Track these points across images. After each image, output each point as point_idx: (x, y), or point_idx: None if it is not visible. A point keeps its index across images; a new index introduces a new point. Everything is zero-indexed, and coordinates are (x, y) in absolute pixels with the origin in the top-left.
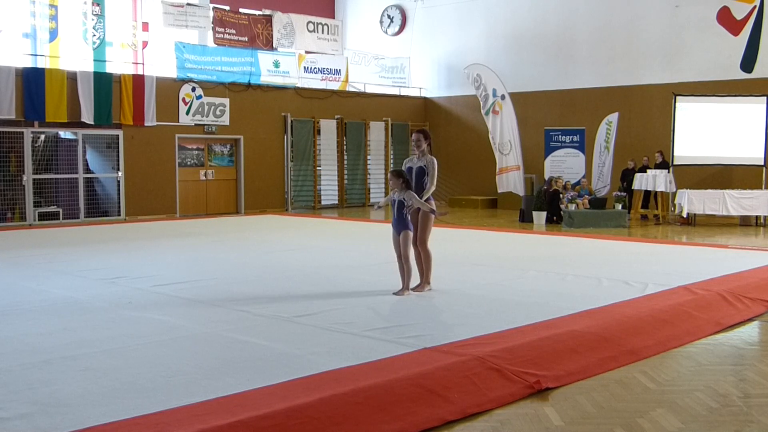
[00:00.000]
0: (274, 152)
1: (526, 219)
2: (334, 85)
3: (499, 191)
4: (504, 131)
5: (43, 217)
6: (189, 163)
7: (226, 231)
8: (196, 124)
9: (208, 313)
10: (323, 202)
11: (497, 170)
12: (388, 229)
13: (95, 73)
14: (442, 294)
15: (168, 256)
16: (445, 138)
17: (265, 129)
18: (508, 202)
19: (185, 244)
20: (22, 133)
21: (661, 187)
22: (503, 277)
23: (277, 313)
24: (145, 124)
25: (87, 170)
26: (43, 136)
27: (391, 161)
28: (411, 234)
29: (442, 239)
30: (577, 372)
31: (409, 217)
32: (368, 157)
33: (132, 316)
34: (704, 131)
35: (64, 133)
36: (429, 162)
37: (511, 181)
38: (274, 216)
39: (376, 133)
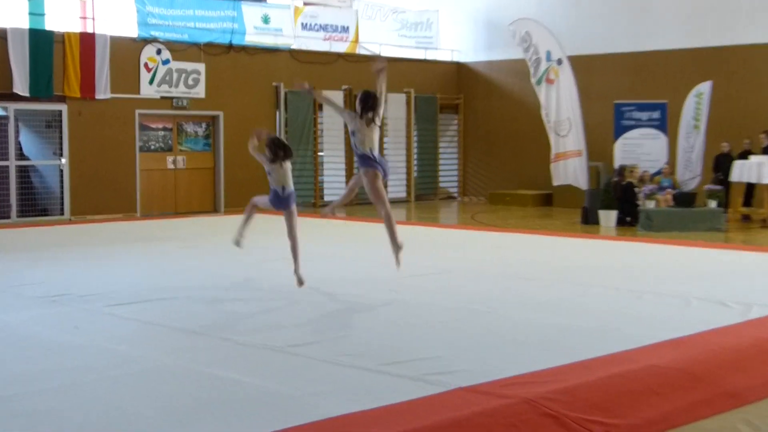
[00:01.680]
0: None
1: (590, 220)
2: (341, 47)
3: (554, 184)
4: (561, 106)
5: None
6: (153, 147)
7: (201, 235)
8: (162, 97)
9: (177, 341)
10: (327, 198)
11: (552, 157)
12: (406, 232)
13: (31, 30)
14: (480, 316)
15: (125, 268)
16: (484, 115)
17: (251, 103)
18: (567, 198)
19: (148, 252)
20: None
21: (767, 179)
22: (560, 295)
23: (266, 341)
24: (97, 97)
25: (20, 156)
26: None
27: (415, 145)
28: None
29: (480, 245)
30: (658, 421)
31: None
32: (385, 139)
33: (79, 345)
34: None
35: None
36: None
37: (570, 170)
38: (263, 216)
39: (396, 109)
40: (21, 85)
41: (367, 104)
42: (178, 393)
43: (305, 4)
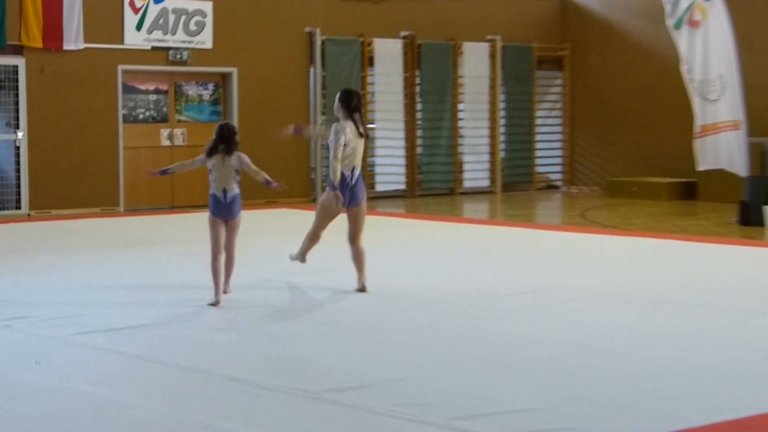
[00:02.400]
0: (291, 98)
1: (752, 220)
2: None
3: (699, 168)
4: (710, 59)
5: None
6: (142, 116)
7: (205, 237)
8: (153, 48)
9: (173, 382)
10: (379, 188)
11: (697, 130)
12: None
13: None
14: (593, 353)
15: (102, 282)
16: (599, 72)
17: (275, 56)
18: (717, 189)
19: (133, 261)
20: None
21: None
22: (710, 325)
23: (293, 383)
24: (65, 48)
25: None
26: None
27: (502, 114)
28: None
29: (593, 254)
30: None
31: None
32: (459, 107)
33: (42, 387)
34: None
35: None
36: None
37: (722, 149)
38: (292, 210)
39: (475, 64)
40: None
41: (350, 104)
42: None
43: None
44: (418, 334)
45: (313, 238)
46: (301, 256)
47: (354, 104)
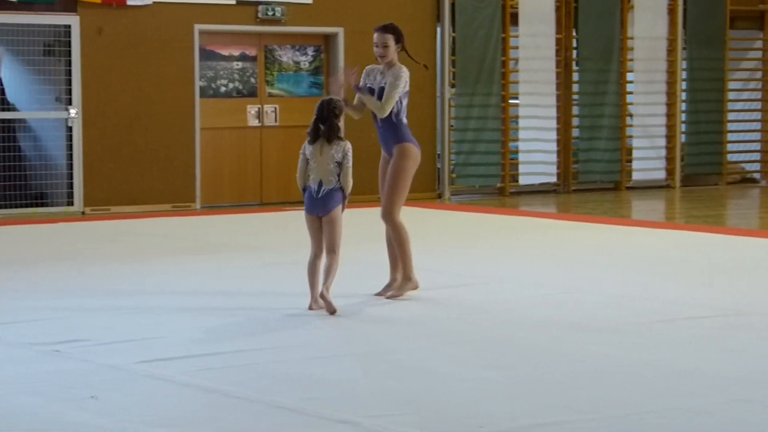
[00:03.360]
0: (412, 65)
1: None
2: None
3: None
4: None
5: None
6: (224, 89)
7: (302, 242)
8: (239, 2)
9: (261, 426)
10: (523, 181)
11: None
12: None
13: None
14: None
15: (172, 296)
16: None
17: (392, 13)
18: None
19: (211, 271)
20: None
21: None
22: None
23: (428, 426)
24: (129, 2)
25: (1, 103)
26: None
27: (683, 87)
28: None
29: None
30: None
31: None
32: (628, 76)
33: (97, 428)
34: None
35: None
36: (394, 75)
37: None
38: (414, 209)
39: (649, 22)
40: None
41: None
42: None
43: None
44: (587, 370)
45: (406, 239)
46: (413, 281)
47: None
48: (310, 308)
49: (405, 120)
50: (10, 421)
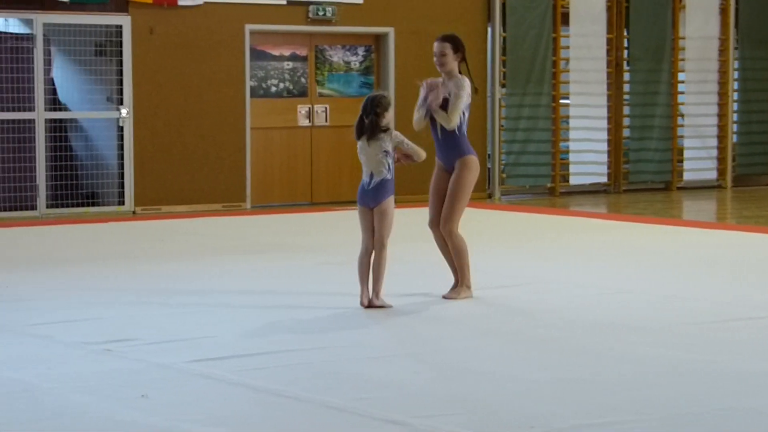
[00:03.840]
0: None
1: None
2: None
3: None
4: None
5: None
6: (275, 89)
7: (354, 242)
8: (290, 2)
9: (312, 425)
10: (574, 181)
11: None
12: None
13: None
14: None
15: (223, 295)
16: None
17: (443, 13)
18: None
19: (263, 271)
20: None
21: None
22: None
23: None
24: (180, 3)
25: (53, 104)
26: None
27: (736, 86)
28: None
29: None
30: None
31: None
32: (680, 76)
33: (149, 427)
34: None
35: (6, 22)
36: (456, 86)
37: None
38: (465, 209)
39: (701, 22)
40: None
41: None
42: None
43: None
44: (638, 370)
45: (464, 249)
46: (470, 290)
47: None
48: (362, 304)
49: (465, 131)
50: (62, 419)
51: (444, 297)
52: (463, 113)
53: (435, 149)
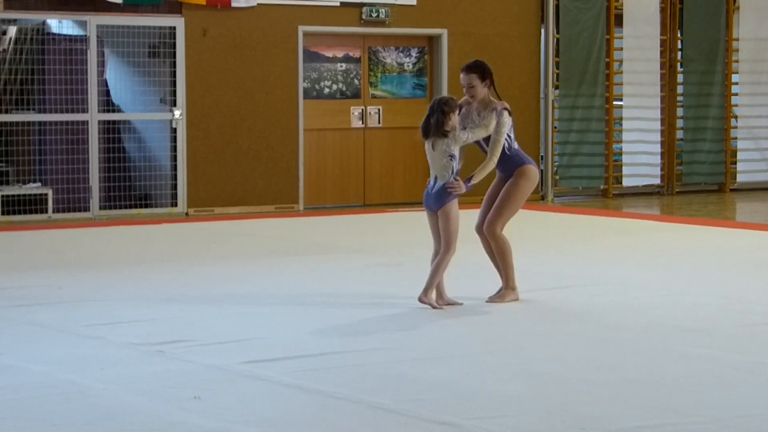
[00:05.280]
0: (516, 67)
1: None
2: None
3: None
4: None
5: (10, 204)
6: (328, 91)
7: (412, 246)
8: (343, 4)
9: (365, 427)
10: (627, 182)
11: None
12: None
13: None
14: None
15: (276, 297)
16: None
17: (496, 14)
18: None
19: (316, 272)
20: None
21: None
22: None
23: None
24: (233, 4)
25: (106, 105)
26: (11, 30)
27: None
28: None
29: None
30: None
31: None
32: (734, 77)
33: (201, 428)
34: None
35: (59, 24)
36: (498, 123)
37: None
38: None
39: (756, 23)
40: None
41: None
42: None
43: None
44: (690, 372)
45: (508, 250)
46: (515, 292)
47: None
48: (436, 304)
49: (517, 145)
50: (114, 420)
51: (488, 301)
52: (509, 135)
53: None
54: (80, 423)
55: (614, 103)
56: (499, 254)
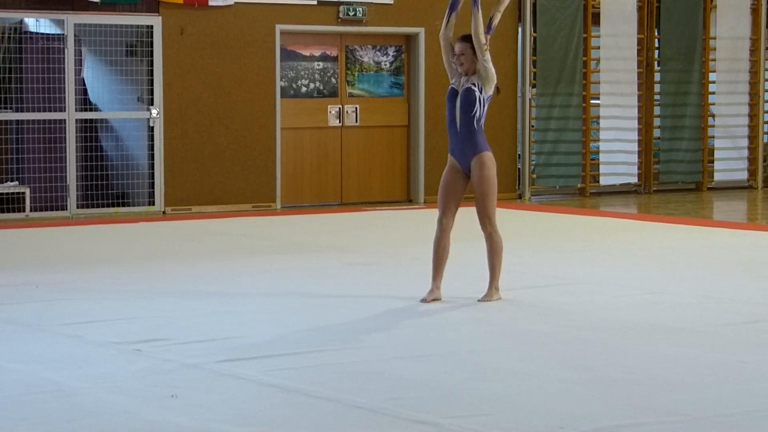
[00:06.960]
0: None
1: None
2: None
3: None
4: None
5: None
6: (305, 89)
7: (386, 244)
8: (320, 3)
9: (344, 425)
10: (604, 181)
11: None
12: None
13: None
14: None
15: (253, 295)
16: None
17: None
18: None
19: (292, 271)
20: None
21: None
22: None
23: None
24: (210, 3)
25: (84, 104)
26: None
27: (766, 88)
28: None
29: None
30: None
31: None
32: (711, 76)
33: (178, 427)
34: None
35: (37, 22)
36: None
37: None
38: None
39: (732, 22)
40: None
41: None
42: None
43: None
44: (668, 371)
45: (502, 249)
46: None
47: None
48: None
49: (483, 126)
50: (93, 419)
51: (479, 300)
52: (483, 105)
53: (449, 146)
54: (59, 422)
55: (591, 101)
56: (494, 251)
